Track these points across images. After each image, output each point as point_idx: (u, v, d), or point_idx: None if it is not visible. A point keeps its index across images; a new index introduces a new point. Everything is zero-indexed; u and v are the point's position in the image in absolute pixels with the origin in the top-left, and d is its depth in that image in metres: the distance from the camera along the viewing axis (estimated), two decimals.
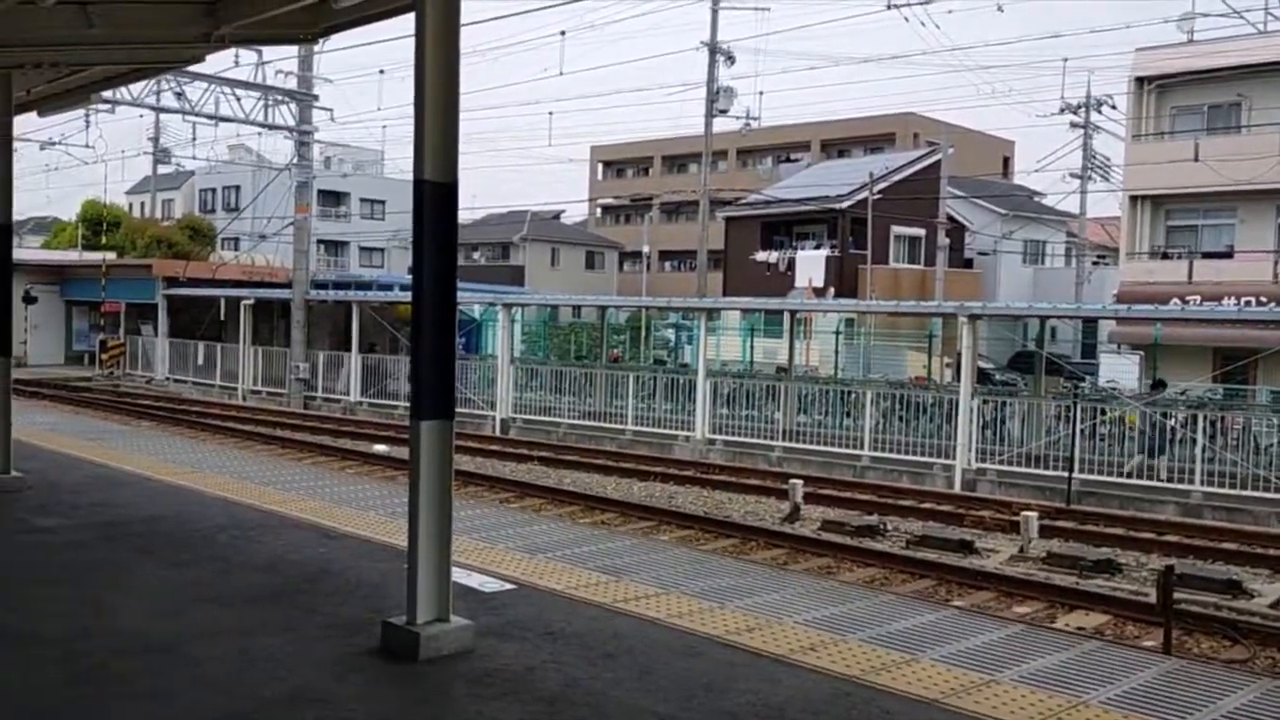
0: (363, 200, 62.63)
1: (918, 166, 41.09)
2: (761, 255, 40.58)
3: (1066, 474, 15.82)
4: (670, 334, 36.04)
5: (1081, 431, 16.53)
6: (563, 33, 63.64)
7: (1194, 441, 15.69)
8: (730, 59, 35.97)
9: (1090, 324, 30.60)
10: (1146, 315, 20.61)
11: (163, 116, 43.09)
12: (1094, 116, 38.31)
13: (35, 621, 5.56)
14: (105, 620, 5.59)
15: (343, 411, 26.57)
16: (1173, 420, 16.56)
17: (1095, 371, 27.78)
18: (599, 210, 69.86)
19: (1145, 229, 29.47)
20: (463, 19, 5.28)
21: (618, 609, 6.03)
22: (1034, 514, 12.39)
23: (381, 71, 36.83)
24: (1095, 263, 44.41)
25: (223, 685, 4.63)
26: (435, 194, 5.11)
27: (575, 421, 22.58)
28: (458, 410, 5.37)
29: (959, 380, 18.66)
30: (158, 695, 4.51)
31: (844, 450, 18.73)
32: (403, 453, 17.20)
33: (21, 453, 10.28)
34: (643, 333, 34.68)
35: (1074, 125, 38.60)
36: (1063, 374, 24.26)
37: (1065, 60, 65.51)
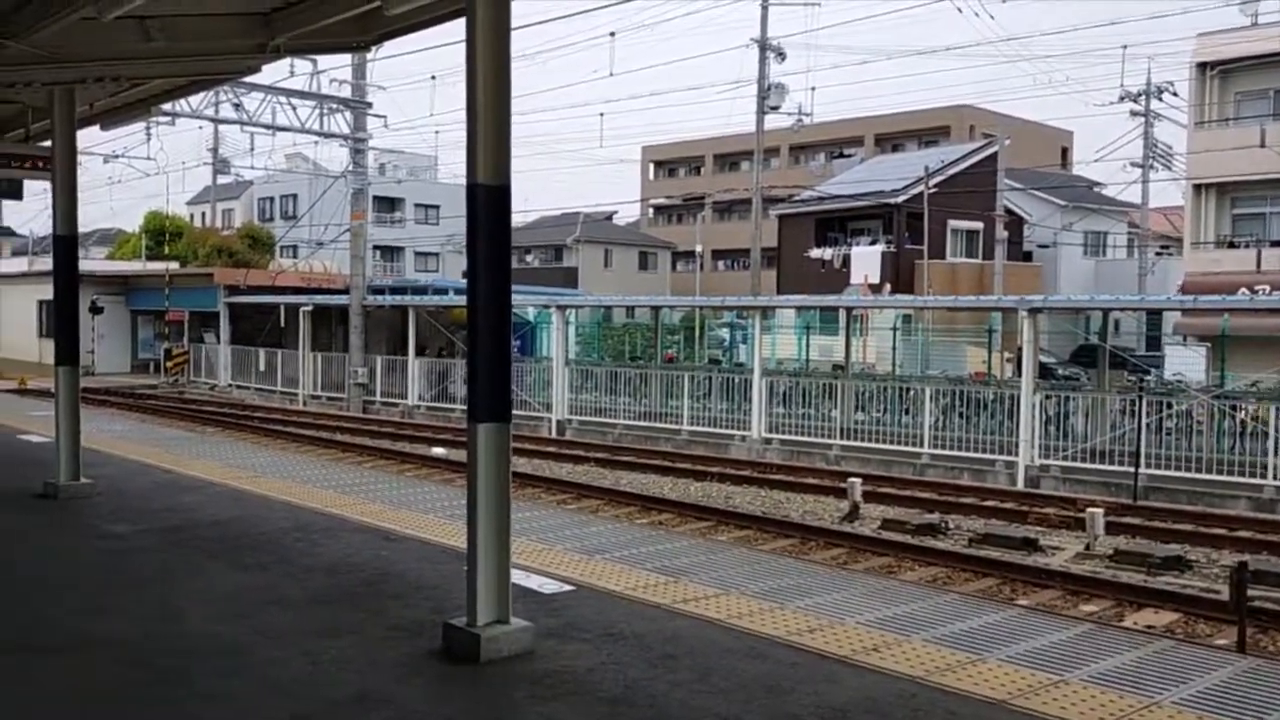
0: (417, 205, 63.30)
1: (974, 159, 40.58)
2: (816, 252, 40.34)
3: (1133, 469, 15.52)
4: (725, 333, 35.94)
5: (1147, 426, 16.20)
6: (612, 34, 63.90)
7: (1265, 434, 15.32)
8: (781, 55, 35.84)
9: (1155, 316, 29.99)
10: (1213, 306, 20.15)
11: (221, 127, 43.86)
12: (1155, 104, 37.58)
13: (108, 625, 5.67)
14: (174, 624, 5.69)
15: (401, 415, 26.85)
16: (1243, 413, 16.19)
17: (1160, 364, 27.21)
18: (651, 210, 69.93)
19: (1210, 218, 28.84)
20: (513, 22, 5.29)
21: (677, 610, 6.01)
22: (1099, 510, 12.18)
23: (433, 77, 37.17)
24: (1158, 253, 43.56)
25: (288, 688, 4.69)
26: (488, 197, 5.12)
27: (631, 422, 22.60)
28: (514, 413, 5.38)
29: (1020, 375, 18.39)
30: (226, 697, 4.58)
31: (903, 448, 18.55)
32: (461, 455, 17.32)
33: (91, 459, 10.51)
34: (697, 332, 34.62)
35: (1134, 113, 37.90)
36: (1127, 367, 23.80)
37: (1125, 47, 64.26)
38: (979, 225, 39.52)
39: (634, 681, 4.78)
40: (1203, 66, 28.66)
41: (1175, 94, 36.49)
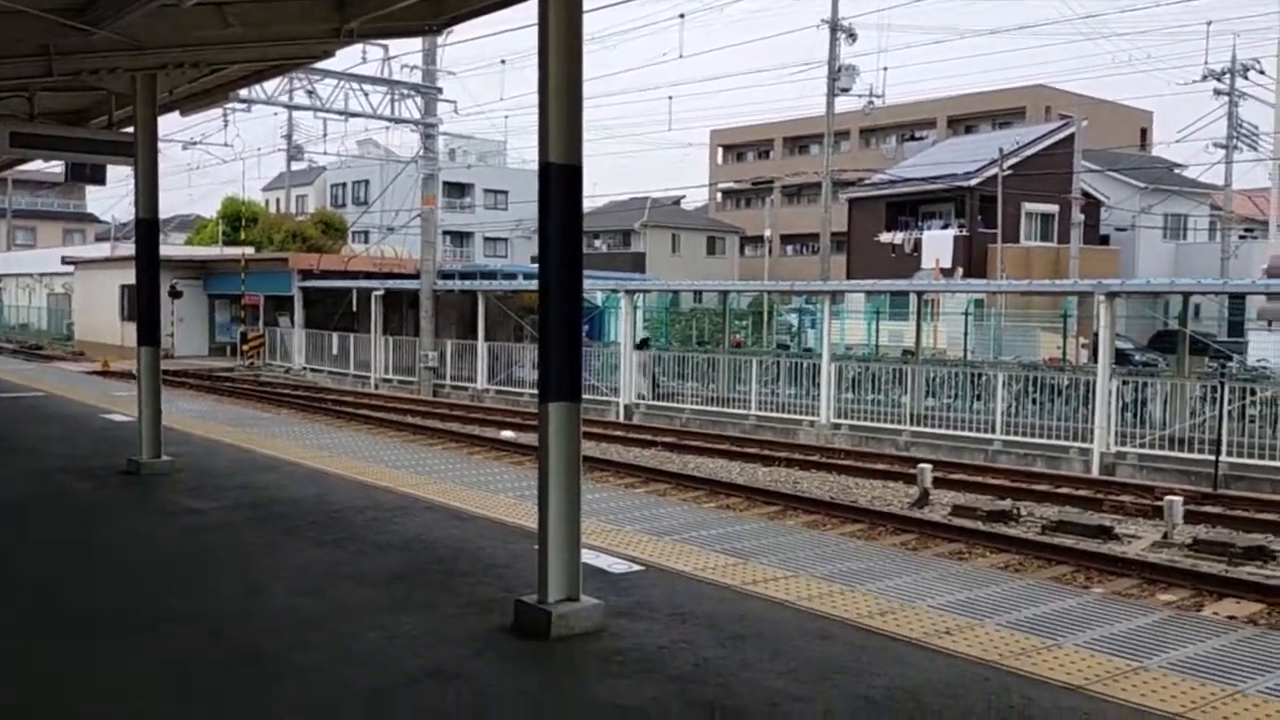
0: (486, 191, 63.79)
1: (1050, 141, 39.79)
2: (886, 236, 39.90)
3: (1213, 457, 15.13)
4: (793, 318, 35.70)
5: (1229, 413, 15.77)
6: (681, 15, 63.60)
7: None
8: (852, 36, 35.42)
9: (1238, 301, 29.13)
10: None
11: (295, 114, 44.63)
12: (1240, 82, 36.46)
13: (187, 600, 5.83)
14: (252, 599, 5.82)
15: (471, 398, 27.13)
16: None
17: (1244, 350, 26.45)
18: (719, 195, 69.67)
19: None
20: (585, 3, 5.28)
21: (746, 591, 6.00)
22: (1178, 498, 11.89)
23: (503, 61, 37.38)
24: (1242, 236, 42.35)
25: (364, 661, 4.77)
26: (560, 176, 5.14)
27: (699, 407, 22.58)
28: (583, 397, 5.41)
29: (1096, 361, 18.02)
30: (303, 671, 4.67)
31: (974, 434, 18.29)
32: (529, 438, 17.46)
33: (171, 438, 10.78)
34: (765, 317, 34.44)
35: (1218, 92, 36.83)
36: (1208, 353, 23.19)
37: (1209, 23, 62.31)
38: (1054, 208, 38.75)
39: (704, 660, 4.78)
40: None
41: (1262, 71, 35.43)
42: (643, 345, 25.22)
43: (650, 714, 4.17)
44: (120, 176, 16.96)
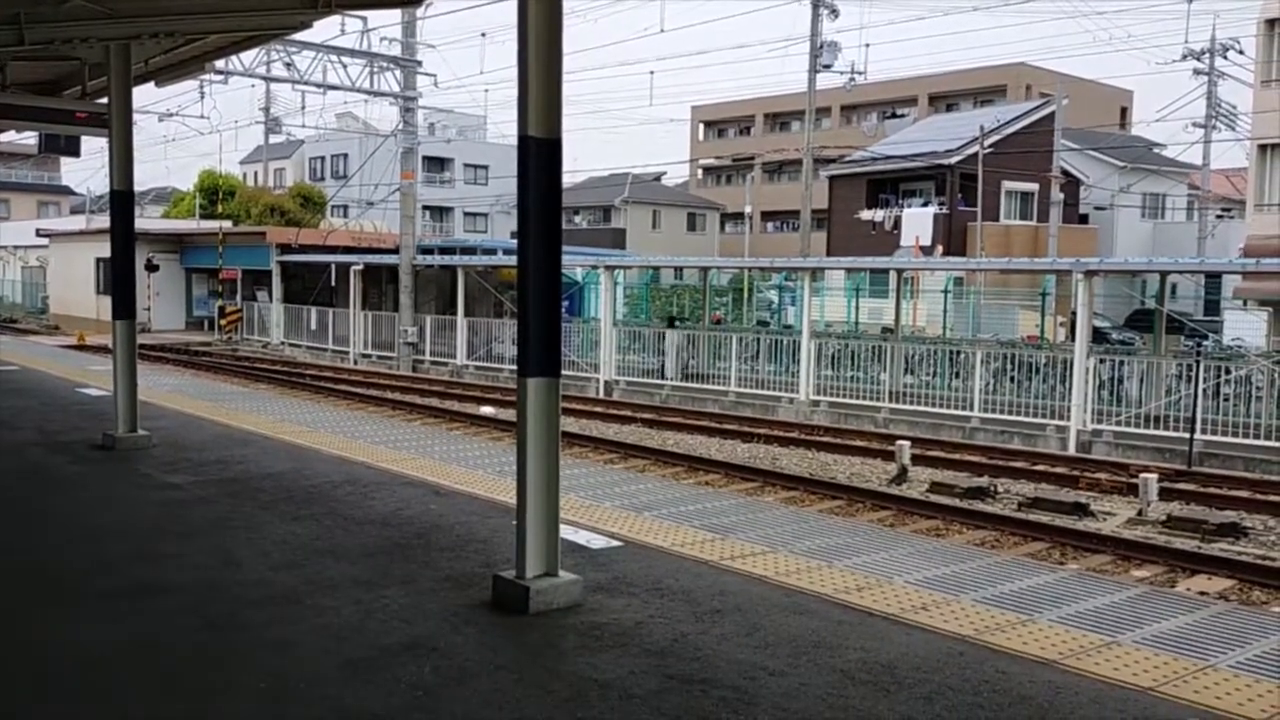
0: (466, 165, 63.39)
1: (1030, 119, 39.85)
2: (867, 214, 39.92)
3: (1188, 435, 15.26)
4: (773, 295, 35.70)
5: (1204, 391, 15.90)
6: None
7: None
8: (834, 12, 35.23)
9: (1214, 280, 29.32)
10: (1276, 269, 19.62)
11: (273, 87, 44.24)
12: (1219, 62, 36.59)
13: (165, 572, 5.79)
14: (230, 572, 5.80)
15: (450, 374, 27.05)
16: None
17: (1219, 329, 26.66)
18: (700, 171, 69.48)
19: (1275, 179, 28.09)
20: None
21: (724, 566, 6.02)
22: (1153, 476, 12.00)
23: (483, 34, 37.09)
24: (1219, 216, 42.61)
25: (341, 635, 4.76)
26: (540, 150, 5.10)
27: (678, 384, 22.59)
28: (562, 373, 5.39)
29: (1073, 339, 18.11)
30: (285, 644, 4.66)
31: (952, 411, 18.38)
32: (508, 414, 17.44)
33: (147, 413, 10.71)
34: (745, 294, 34.43)
35: (1197, 72, 36.95)
36: (1184, 332, 23.36)
37: (1189, 2, 62.30)
38: (1034, 187, 38.86)
39: (681, 635, 4.80)
40: (1271, 23, 27.81)
41: (1241, 51, 35.55)
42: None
43: (628, 688, 4.18)
44: (95, 149, 16.76)
